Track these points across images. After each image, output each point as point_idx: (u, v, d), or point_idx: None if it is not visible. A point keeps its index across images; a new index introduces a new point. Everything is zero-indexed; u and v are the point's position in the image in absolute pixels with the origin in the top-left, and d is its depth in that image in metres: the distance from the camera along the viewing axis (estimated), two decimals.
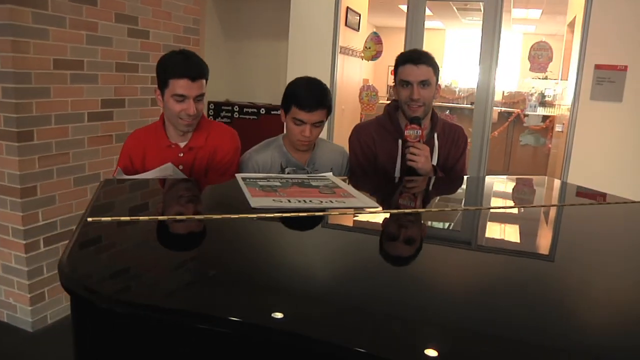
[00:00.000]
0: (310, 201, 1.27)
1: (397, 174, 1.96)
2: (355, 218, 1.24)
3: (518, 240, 1.21)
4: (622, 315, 0.77)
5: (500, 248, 1.12)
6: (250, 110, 6.25)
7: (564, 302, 0.81)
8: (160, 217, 1.04)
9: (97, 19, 2.68)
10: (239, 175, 1.53)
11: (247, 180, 1.46)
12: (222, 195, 1.41)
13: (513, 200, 1.74)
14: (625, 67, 4.63)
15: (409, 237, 1.17)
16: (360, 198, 1.35)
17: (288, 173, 1.96)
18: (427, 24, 11.41)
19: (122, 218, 1.01)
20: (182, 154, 1.85)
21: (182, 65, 1.73)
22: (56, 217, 2.65)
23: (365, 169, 2.01)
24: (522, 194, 1.85)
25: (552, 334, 0.69)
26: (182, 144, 1.85)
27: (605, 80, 4.72)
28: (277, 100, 7.02)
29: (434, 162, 1.92)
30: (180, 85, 1.70)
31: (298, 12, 5.88)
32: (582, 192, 1.85)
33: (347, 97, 5.88)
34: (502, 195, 1.86)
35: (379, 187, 1.74)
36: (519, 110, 6.95)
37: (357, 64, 6.54)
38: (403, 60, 1.91)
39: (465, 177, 1.95)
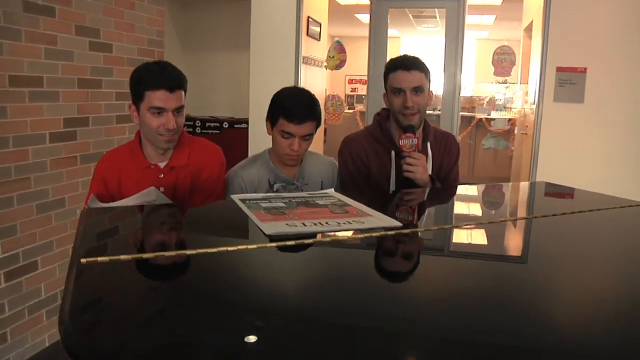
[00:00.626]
0: (326, 223, 1.16)
1: (392, 186, 1.87)
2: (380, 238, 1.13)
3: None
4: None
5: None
6: (212, 124, 6.06)
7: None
8: (166, 253, 0.90)
9: (56, 31, 2.48)
10: (236, 197, 1.40)
11: (248, 201, 1.33)
12: (225, 222, 1.27)
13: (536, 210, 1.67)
14: (585, 69, 4.74)
15: (446, 254, 1.08)
16: (378, 216, 1.25)
17: (277, 190, 1.85)
18: None
19: (122, 257, 0.86)
20: (162, 175, 1.69)
21: (158, 75, 1.58)
22: (18, 249, 2.42)
23: (358, 182, 1.91)
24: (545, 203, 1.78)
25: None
26: (162, 164, 1.70)
27: (567, 82, 4.82)
28: (240, 113, 6.91)
29: (429, 172, 1.84)
30: (157, 97, 1.55)
31: (259, 22, 5.76)
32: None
33: None
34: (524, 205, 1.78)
35: (384, 201, 1.63)
36: (483, 115, 7.06)
37: (320, 74, 6.47)
38: (394, 66, 1.82)
39: (473, 186, 1.87)
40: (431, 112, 8.10)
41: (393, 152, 1.85)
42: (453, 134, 2.04)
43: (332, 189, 1.55)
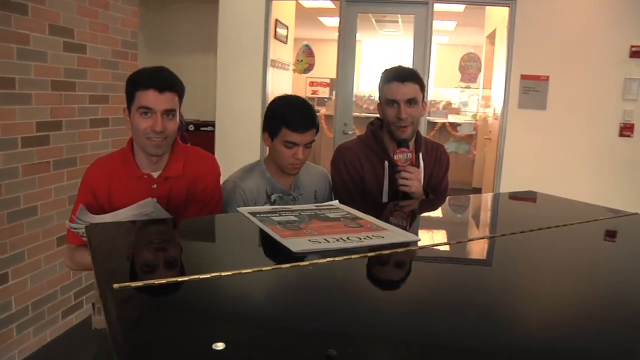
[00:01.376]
0: (347, 239, 1.15)
1: (385, 197, 1.88)
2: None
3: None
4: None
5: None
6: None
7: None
8: (202, 276, 0.86)
9: (28, 30, 2.36)
10: (243, 210, 1.37)
11: (259, 215, 1.30)
12: (244, 237, 1.24)
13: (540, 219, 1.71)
14: (547, 77, 4.91)
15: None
16: (394, 230, 1.25)
17: (274, 200, 1.83)
18: None
19: (156, 281, 0.82)
20: (155, 186, 1.63)
21: (149, 75, 1.53)
22: None
23: (352, 192, 1.90)
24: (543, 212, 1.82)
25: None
26: (155, 174, 1.63)
27: (531, 90, 4.98)
28: (205, 116, 6.79)
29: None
30: (146, 97, 1.50)
31: (226, 25, 5.68)
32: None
33: None
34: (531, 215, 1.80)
35: (386, 213, 1.63)
36: (442, 120, 7.20)
37: (286, 77, 6.44)
38: (388, 78, 1.83)
39: (462, 196, 1.89)
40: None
41: (387, 162, 1.86)
42: (443, 145, 2.06)
43: (337, 201, 1.53)
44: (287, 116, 1.70)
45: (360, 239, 1.15)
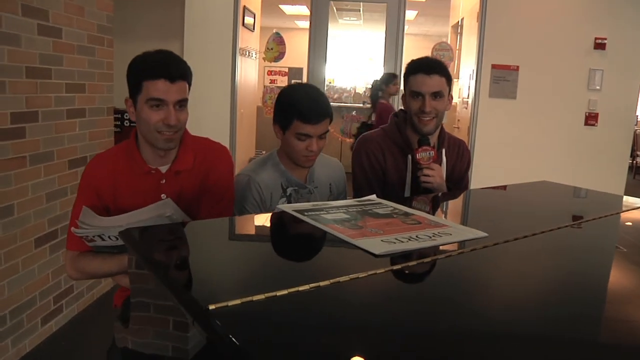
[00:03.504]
0: (417, 237, 1.07)
1: (407, 191, 1.83)
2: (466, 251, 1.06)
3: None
4: None
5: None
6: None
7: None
8: (301, 288, 0.76)
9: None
10: (287, 208, 1.27)
11: (307, 213, 1.21)
12: (306, 238, 1.14)
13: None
14: (517, 67, 4.99)
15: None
16: (456, 226, 1.19)
17: (290, 194, 1.74)
18: (303, 23, 11.51)
19: (255, 298, 0.72)
20: (164, 181, 1.49)
21: (158, 63, 1.38)
22: None
23: (372, 184, 1.84)
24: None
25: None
26: (163, 169, 1.49)
27: (501, 79, 5.05)
28: None
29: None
30: (156, 88, 1.36)
31: (193, 11, 5.46)
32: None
33: (244, 99, 5.60)
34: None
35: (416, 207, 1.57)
36: None
37: (253, 66, 6.27)
38: (414, 69, 1.77)
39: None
40: (356, 105, 8.19)
41: (409, 156, 1.80)
42: (464, 140, 2.02)
43: (374, 195, 1.46)
44: (299, 107, 1.60)
45: (430, 237, 1.08)
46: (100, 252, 1.40)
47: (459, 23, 6.33)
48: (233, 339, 0.62)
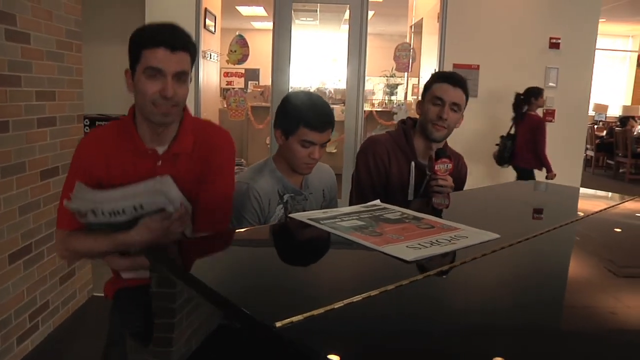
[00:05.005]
0: (437, 241, 1.10)
1: (410, 197, 1.86)
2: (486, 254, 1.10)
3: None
4: None
5: None
6: (103, 122, 5.47)
7: None
8: (354, 299, 0.77)
9: None
10: (301, 217, 1.27)
11: (323, 222, 1.22)
12: (331, 247, 1.14)
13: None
14: (478, 66, 5.14)
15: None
16: (468, 229, 1.22)
17: (286, 200, 1.74)
18: (259, 24, 11.41)
19: (315, 312, 0.72)
20: (160, 163, 1.41)
21: (158, 31, 1.31)
22: None
23: (375, 185, 1.87)
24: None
25: None
26: (160, 149, 1.41)
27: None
28: None
29: None
30: (154, 56, 1.28)
31: (154, 13, 5.33)
32: None
33: (207, 103, 5.53)
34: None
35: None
36: (372, 109, 7.34)
37: (215, 68, 6.19)
38: (441, 78, 1.84)
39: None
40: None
41: (413, 163, 1.84)
42: (462, 155, 2.06)
43: (378, 200, 1.48)
44: (306, 115, 1.62)
45: (449, 240, 1.12)
46: (92, 230, 1.34)
47: (419, 23, 6.45)
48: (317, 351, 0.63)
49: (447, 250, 1.05)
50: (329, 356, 0.62)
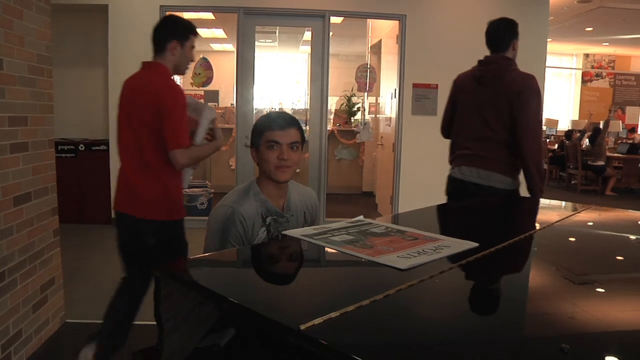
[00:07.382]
0: (423, 251, 1.21)
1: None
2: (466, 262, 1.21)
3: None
4: None
5: None
6: (66, 147, 5.40)
7: None
8: (364, 302, 0.86)
9: None
10: (295, 233, 1.36)
11: (318, 237, 1.31)
12: (330, 260, 1.22)
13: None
14: (437, 85, 5.37)
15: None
16: (448, 239, 1.33)
17: (269, 223, 1.81)
18: (219, 46, 11.43)
19: (333, 315, 0.81)
20: None
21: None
22: None
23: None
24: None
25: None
26: None
27: (423, 97, 5.40)
28: (95, 134, 6.30)
29: None
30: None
31: (117, 36, 5.36)
32: None
33: None
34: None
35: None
36: (334, 127, 7.47)
37: None
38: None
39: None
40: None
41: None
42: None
43: (362, 216, 1.57)
44: (267, 120, 1.77)
45: (434, 250, 1.22)
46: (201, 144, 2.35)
47: (377, 44, 6.67)
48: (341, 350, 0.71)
49: (435, 258, 1.15)
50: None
